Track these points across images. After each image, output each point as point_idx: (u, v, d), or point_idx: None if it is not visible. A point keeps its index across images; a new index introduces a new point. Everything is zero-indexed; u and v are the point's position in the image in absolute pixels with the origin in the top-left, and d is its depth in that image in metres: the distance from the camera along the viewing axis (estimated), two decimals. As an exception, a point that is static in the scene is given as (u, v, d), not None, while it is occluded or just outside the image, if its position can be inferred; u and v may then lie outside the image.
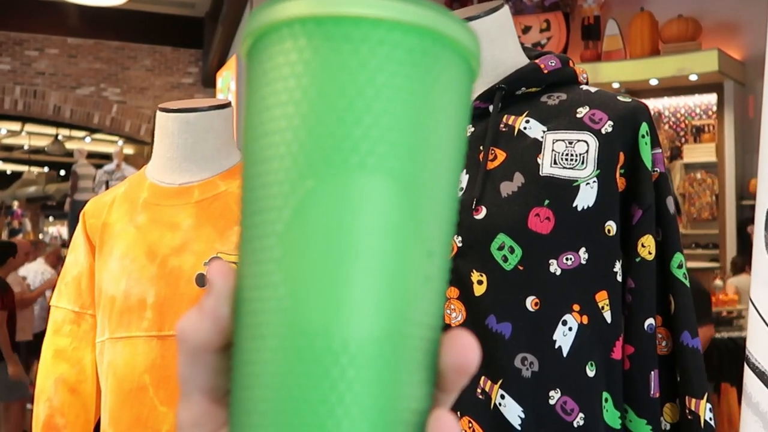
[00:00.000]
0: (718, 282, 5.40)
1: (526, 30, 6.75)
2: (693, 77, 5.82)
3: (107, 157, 9.68)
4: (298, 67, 0.27)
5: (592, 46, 6.47)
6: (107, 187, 6.93)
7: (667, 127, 6.52)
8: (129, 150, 11.46)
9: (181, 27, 9.14)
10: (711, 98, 6.23)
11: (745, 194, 5.86)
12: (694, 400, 0.99)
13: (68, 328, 1.13)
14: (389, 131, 0.27)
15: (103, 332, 1.09)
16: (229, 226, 1.07)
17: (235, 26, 7.28)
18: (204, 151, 1.13)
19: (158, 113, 1.14)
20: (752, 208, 0.95)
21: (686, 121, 6.50)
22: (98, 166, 8.45)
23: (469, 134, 1.04)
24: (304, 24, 0.27)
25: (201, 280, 1.03)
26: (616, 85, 6.14)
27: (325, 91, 0.27)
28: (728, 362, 3.88)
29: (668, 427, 1.02)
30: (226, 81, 7.31)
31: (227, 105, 1.16)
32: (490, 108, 1.04)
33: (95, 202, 1.17)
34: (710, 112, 6.34)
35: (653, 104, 6.55)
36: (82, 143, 11.97)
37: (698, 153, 6.30)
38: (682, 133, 6.51)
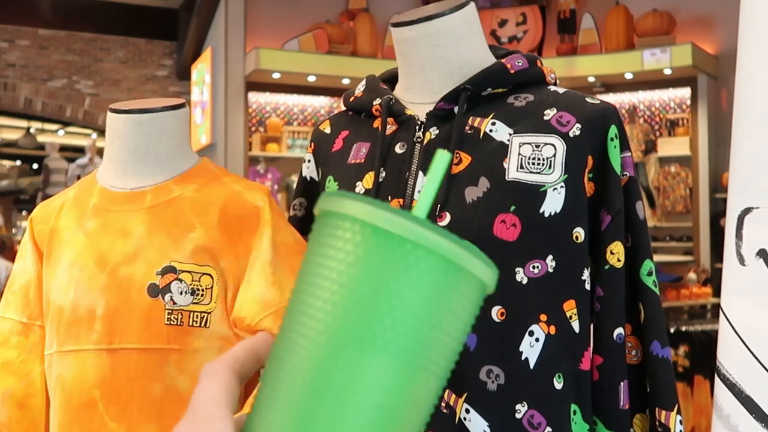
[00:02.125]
0: (691, 275, 5.43)
1: (502, 23, 6.73)
2: (667, 71, 5.83)
3: (80, 151, 9.54)
4: (351, 252, 0.36)
5: (568, 39, 6.47)
6: (79, 182, 6.81)
7: (642, 120, 6.54)
8: (102, 143, 11.29)
9: (155, 18, 8.99)
10: (685, 92, 6.26)
11: (719, 187, 5.90)
12: (664, 412, 0.96)
13: (15, 340, 1.07)
14: (406, 320, 0.36)
15: (51, 345, 1.04)
16: (184, 233, 1.02)
17: (210, 18, 7.16)
18: (157, 154, 1.08)
19: (109, 114, 1.08)
20: (725, 201, 0.93)
21: (661, 115, 6.52)
22: (71, 160, 8.33)
23: (434, 136, 1.01)
24: (364, 225, 0.36)
25: (153, 290, 0.98)
26: (591, 79, 6.14)
27: (365, 276, 0.36)
28: (701, 355, 3.90)
29: (638, 438, 1.00)
30: (201, 73, 7.20)
31: (182, 106, 1.11)
32: (455, 109, 1.00)
33: (43, 207, 1.12)
34: (684, 106, 6.37)
35: (628, 98, 6.56)
36: (54, 136, 11.78)
37: (673, 146, 6.32)
38: (656, 127, 6.53)
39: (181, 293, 0.98)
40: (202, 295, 0.99)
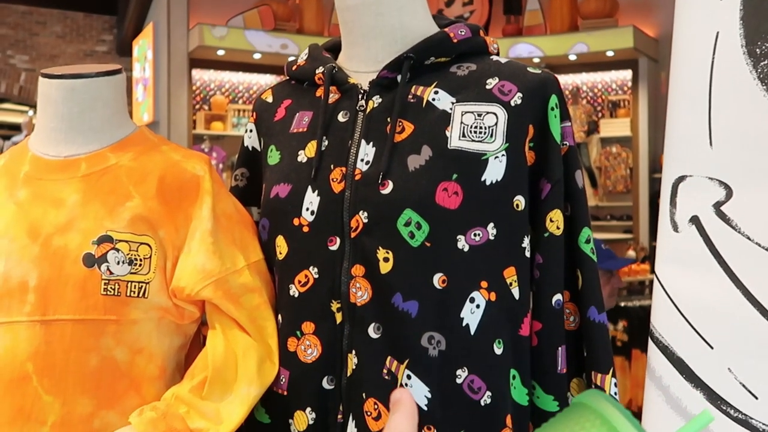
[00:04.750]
0: (631, 252, 5.58)
1: (449, 3, 6.74)
2: (609, 53, 5.93)
3: (16, 128, 9.22)
4: None
5: (514, 20, 6.52)
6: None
7: (585, 101, 6.65)
8: (39, 121, 10.92)
9: (93, -8, 8.72)
10: (626, 74, 6.39)
11: (658, 168, 6.05)
12: (600, 375, 0.98)
13: None
14: None
15: (-19, 318, 1.00)
16: (120, 202, 0.99)
17: (151, -8, 6.98)
18: (92, 121, 1.04)
19: (41, 79, 1.04)
20: (663, 181, 0.95)
21: (603, 97, 6.64)
22: (6, 138, 8.05)
23: (376, 105, 1.00)
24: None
25: (88, 260, 0.96)
26: (536, 60, 6.21)
27: None
28: (639, 330, 4.02)
29: (575, 402, 1.02)
30: (143, 50, 7.02)
31: (118, 71, 1.07)
32: (398, 78, 1.00)
33: None
34: (626, 88, 6.50)
35: (572, 79, 6.66)
36: (-12, 113, 11.35)
37: (614, 127, 6.45)
38: (599, 108, 6.65)
39: (118, 263, 0.96)
40: (140, 265, 0.97)
